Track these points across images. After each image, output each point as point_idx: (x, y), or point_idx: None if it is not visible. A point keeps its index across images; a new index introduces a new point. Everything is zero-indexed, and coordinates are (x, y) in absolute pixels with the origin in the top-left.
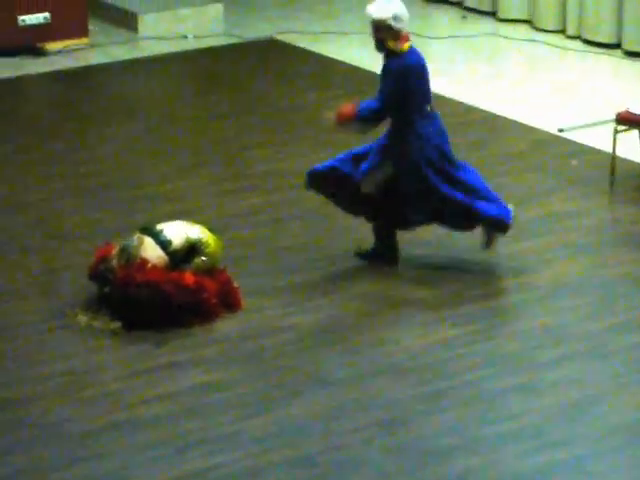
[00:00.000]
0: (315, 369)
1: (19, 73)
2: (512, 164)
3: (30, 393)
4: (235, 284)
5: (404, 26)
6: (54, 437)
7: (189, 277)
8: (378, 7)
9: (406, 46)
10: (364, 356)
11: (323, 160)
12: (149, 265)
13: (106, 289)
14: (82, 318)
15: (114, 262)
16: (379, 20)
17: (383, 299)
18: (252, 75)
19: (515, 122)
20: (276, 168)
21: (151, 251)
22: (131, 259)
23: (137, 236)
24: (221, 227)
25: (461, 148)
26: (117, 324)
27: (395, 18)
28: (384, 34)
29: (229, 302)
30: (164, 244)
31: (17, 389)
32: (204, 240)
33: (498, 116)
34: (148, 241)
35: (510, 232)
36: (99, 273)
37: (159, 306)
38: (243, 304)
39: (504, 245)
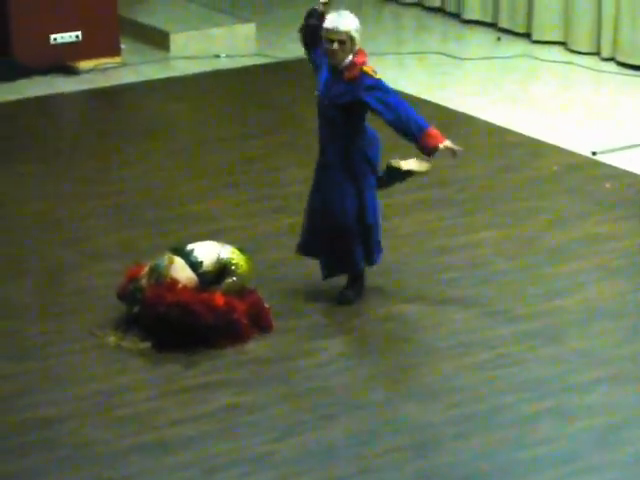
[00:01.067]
0: (346, 392)
1: (51, 92)
2: (545, 187)
3: (61, 413)
4: (266, 305)
5: (359, 38)
6: (84, 457)
7: (219, 298)
8: (341, 19)
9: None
10: (395, 379)
11: None
12: (179, 285)
13: (135, 309)
14: (112, 338)
15: (143, 282)
16: (346, 31)
17: (414, 321)
18: (283, 95)
19: (549, 145)
20: (307, 189)
21: (181, 271)
22: (161, 279)
23: (167, 256)
24: (252, 248)
25: (494, 170)
26: (146, 344)
27: (357, 30)
28: (346, 46)
29: (260, 323)
30: (195, 265)
31: (48, 409)
32: (235, 261)
33: (531, 138)
34: (178, 261)
35: (543, 255)
36: (128, 293)
37: (189, 326)
38: (274, 325)
39: (537, 268)
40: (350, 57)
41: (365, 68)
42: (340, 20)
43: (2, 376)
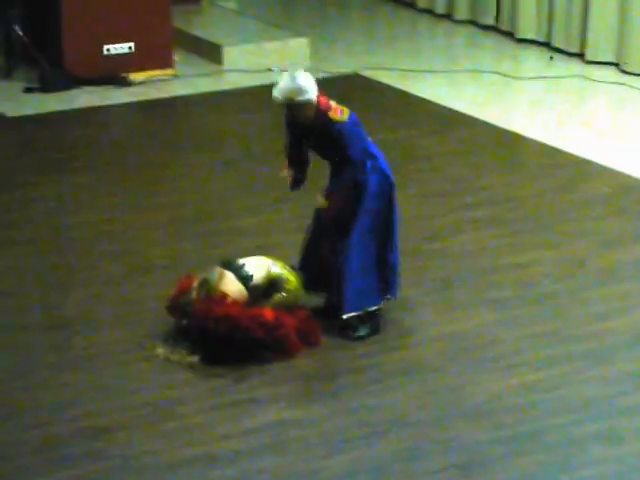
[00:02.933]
0: (395, 409)
1: (104, 103)
2: (596, 208)
3: (111, 424)
4: (314, 320)
5: (311, 96)
6: (134, 469)
7: (268, 313)
8: (280, 89)
9: (345, 114)
10: (444, 397)
11: (407, 197)
12: (229, 299)
13: (184, 322)
14: (160, 351)
15: (194, 295)
16: (287, 100)
17: (463, 341)
18: None
19: (600, 166)
20: None
21: (231, 285)
22: (211, 292)
23: (218, 270)
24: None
25: (544, 190)
26: (195, 358)
27: (299, 92)
28: (300, 111)
29: (308, 338)
30: (245, 279)
31: (97, 420)
32: (285, 276)
33: (582, 159)
34: (229, 275)
35: (592, 277)
36: (178, 306)
37: (237, 340)
38: (322, 341)
39: (587, 289)
40: (313, 110)
41: (330, 114)
42: (277, 91)
43: (52, 386)
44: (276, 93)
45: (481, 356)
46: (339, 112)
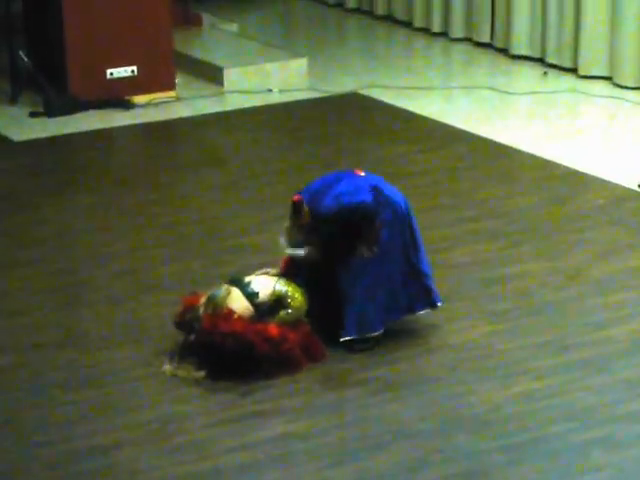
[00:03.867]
0: (397, 420)
1: (107, 125)
2: (592, 219)
3: (117, 441)
4: (317, 336)
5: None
6: None
7: (273, 328)
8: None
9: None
10: (446, 408)
11: None
12: (235, 315)
13: (191, 337)
14: (167, 367)
15: (201, 311)
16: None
17: (463, 351)
18: (336, 129)
19: (594, 177)
20: None
21: (238, 302)
22: (217, 309)
23: (225, 287)
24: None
25: (541, 203)
26: (201, 373)
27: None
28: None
29: (312, 353)
30: (251, 296)
31: (104, 437)
32: (290, 293)
33: (577, 172)
34: (235, 292)
35: (589, 286)
36: (186, 322)
37: (242, 356)
38: (326, 355)
39: (584, 299)
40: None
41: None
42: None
43: (60, 404)
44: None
45: (481, 366)
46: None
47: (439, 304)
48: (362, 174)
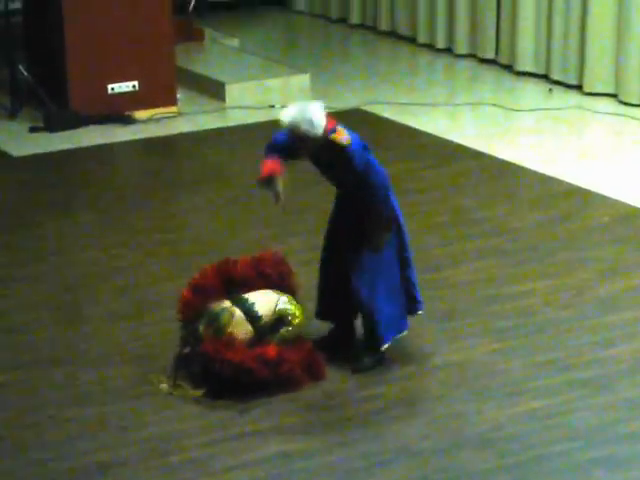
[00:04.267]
0: (399, 439)
1: (108, 141)
2: (596, 237)
3: (117, 458)
4: (318, 353)
5: (317, 131)
6: None
7: (272, 350)
8: (289, 114)
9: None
10: (449, 426)
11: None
12: (236, 341)
13: (186, 350)
14: (164, 385)
15: (201, 329)
16: (293, 127)
17: (466, 370)
18: None
19: (599, 195)
20: None
21: (240, 327)
22: (219, 333)
23: (228, 307)
24: (305, 296)
25: (545, 220)
26: (198, 392)
27: (306, 123)
28: (301, 142)
29: (313, 371)
30: (254, 319)
31: (104, 454)
32: (291, 311)
33: (582, 189)
34: (238, 315)
35: (593, 305)
36: (183, 335)
37: (242, 381)
38: (327, 373)
39: (588, 318)
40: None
41: (332, 136)
42: (285, 114)
43: (59, 421)
44: (283, 117)
45: (484, 385)
46: (344, 138)
47: (420, 312)
48: None
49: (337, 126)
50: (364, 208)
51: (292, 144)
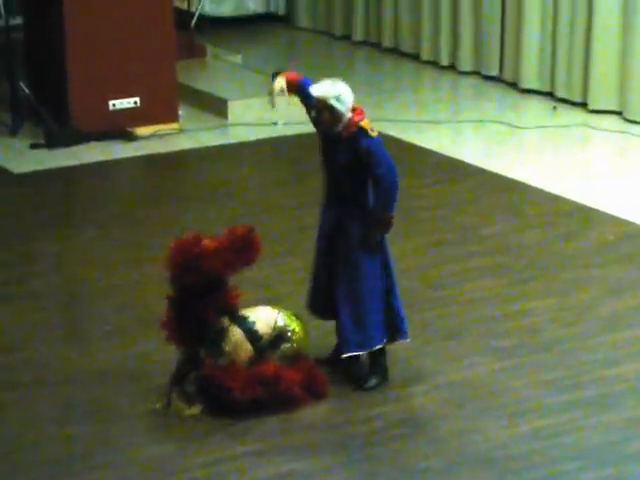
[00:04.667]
0: (402, 458)
1: (109, 157)
2: (601, 255)
3: (115, 477)
4: (320, 371)
5: (342, 107)
6: None
7: (269, 368)
8: (319, 87)
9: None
10: (451, 445)
11: (412, 246)
12: (236, 367)
13: (185, 369)
14: (159, 406)
15: (202, 353)
16: (321, 98)
17: (469, 389)
18: None
19: (604, 213)
20: None
21: (241, 349)
22: (221, 358)
23: (228, 326)
24: (307, 314)
25: (550, 238)
26: (195, 410)
27: (334, 97)
28: (325, 114)
29: (314, 390)
30: (255, 339)
31: (103, 473)
32: (292, 327)
33: (587, 207)
34: (239, 336)
35: (597, 323)
36: (183, 355)
37: (240, 402)
38: (329, 392)
39: (592, 336)
40: (347, 118)
41: (363, 124)
42: (319, 88)
43: (59, 440)
44: (313, 90)
45: (487, 404)
46: (372, 128)
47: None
48: None
49: (365, 118)
50: (366, 201)
51: (317, 110)
